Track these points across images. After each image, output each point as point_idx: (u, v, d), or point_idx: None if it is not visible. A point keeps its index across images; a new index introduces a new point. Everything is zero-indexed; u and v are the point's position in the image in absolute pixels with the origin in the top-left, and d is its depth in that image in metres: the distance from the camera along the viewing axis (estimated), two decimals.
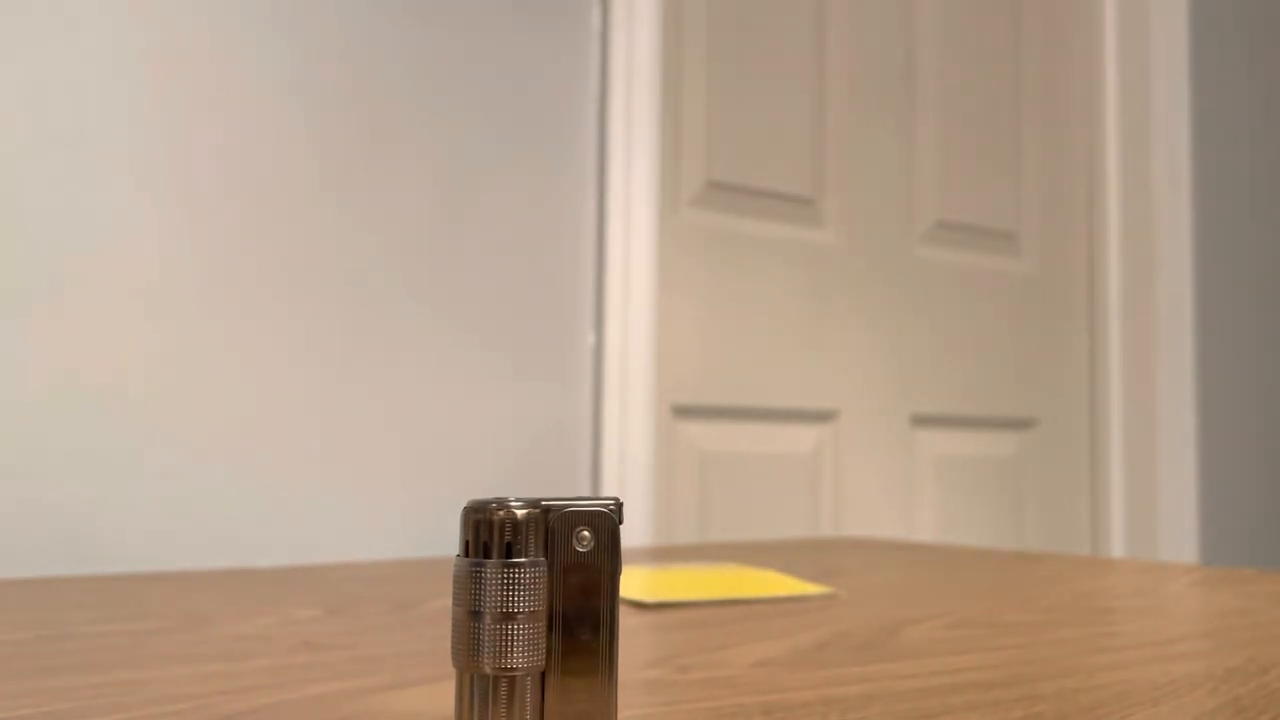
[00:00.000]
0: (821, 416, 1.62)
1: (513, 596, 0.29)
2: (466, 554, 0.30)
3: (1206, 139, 2.00)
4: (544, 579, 0.29)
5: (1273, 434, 2.10)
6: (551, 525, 0.29)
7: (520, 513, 0.29)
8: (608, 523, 0.30)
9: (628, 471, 1.38)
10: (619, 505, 0.30)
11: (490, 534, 0.29)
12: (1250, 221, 2.08)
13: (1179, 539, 1.89)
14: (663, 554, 1.04)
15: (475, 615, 0.29)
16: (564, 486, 1.34)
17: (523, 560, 0.29)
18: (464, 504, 0.29)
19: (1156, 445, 1.90)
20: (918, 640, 0.53)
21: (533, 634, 0.29)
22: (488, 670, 0.29)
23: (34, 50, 1.06)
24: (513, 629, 0.29)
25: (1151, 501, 1.90)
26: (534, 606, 0.29)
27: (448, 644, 0.52)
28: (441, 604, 0.65)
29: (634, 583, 0.73)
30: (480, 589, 0.29)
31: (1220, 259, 2.01)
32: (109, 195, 1.09)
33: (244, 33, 1.16)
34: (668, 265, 1.48)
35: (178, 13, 1.13)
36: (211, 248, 1.14)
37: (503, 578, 0.29)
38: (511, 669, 0.29)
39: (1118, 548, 1.93)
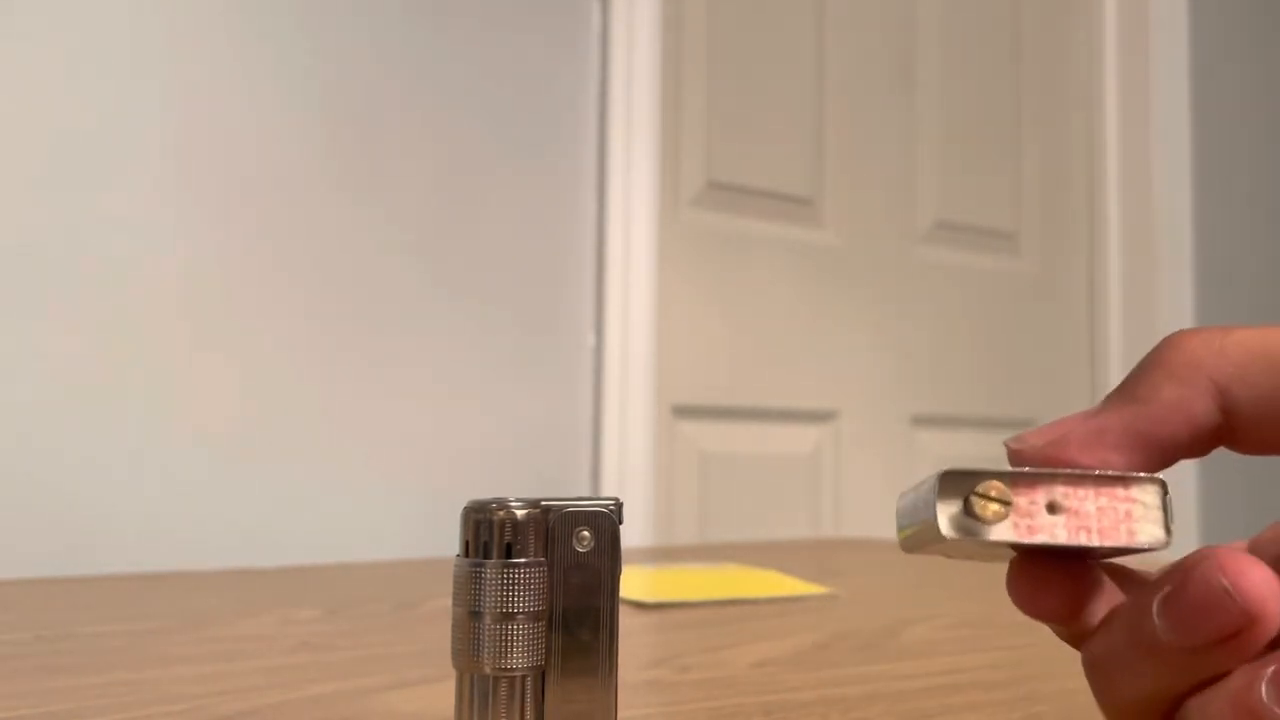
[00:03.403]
0: (821, 416, 1.62)
1: (513, 596, 0.29)
2: (466, 554, 0.30)
3: (1206, 139, 2.00)
4: (544, 579, 0.29)
5: None
6: (551, 525, 0.29)
7: (520, 513, 0.29)
8: (608, 523, 0.30)
9: (628, 471, 1.38)
10: (619, 505, 0.30)
11: (490, 534, 0.29)
12: (1251, 221, 2.08)
13: (1178, 539, 1.89)
14: (663, 554, 1.04)
15: (475, 615, 0.29)
16: (564, 486, 1.34)
17: (523, 560, 0.29)
18: (464, 504, 0.29)
19: None
20: (918, 640, 0.53)
21: (533, 634, 0.29)
22: (487, 670, 0.29)
23: (51, 54, 1.06)
24: (513, 629, 0.29)
25: None
26: (534, 606, 0.29)
27: (448, 644, 0.52)
28: (441, 604, 0.65)
29: (634, 583, 0.73)
30: (480, 589, 0.29)
31: (1220, 259, 2.01)
32: (112, 198, 1.09)
33: (254, 38, 1.16)
34: (668, 265, 1.48)
35: (190, 18, 1.13)
36: (211, 250, 1.14)
37: (503, 578, 0.29)
38: (511, 669, 0.29)
39: None
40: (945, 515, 0.24)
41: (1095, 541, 0.24)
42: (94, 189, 1.08)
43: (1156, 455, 0.24)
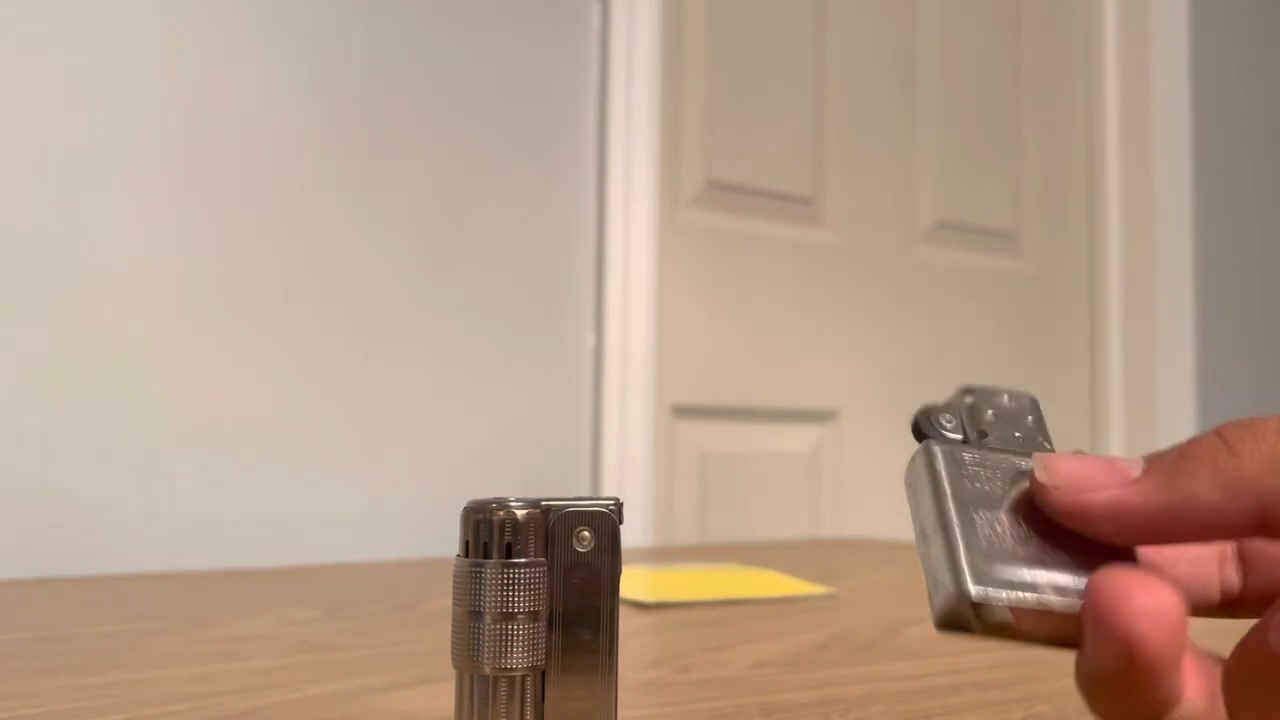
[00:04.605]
0: (821, 416, 1.62)
1: (512, 596, 0.29)
2: (466, 554, 0.30)
3: (1206, 139, 2.00)
4: (544, 579, 0.29)
5: None
6: (551, 525, 0.29)
7: (520, 513, 0.29)
8: (608, 523, 0.30)
9: (628, 471, 1.38)
10: (619, 505, 0.30)
11: (490, 534, 0.29)
12: (1251, 221, 2.08)
13: None
14: (663, 554, 1.04)
15: (475, 615, 0.29)
16: (564, 486, 1.34)
17: (523, 560, 0.29)
18: (464, 504, 0.29)
19: (1156, 446, 1.90)
20: (918, 640, 0.53)
21: (532, 634, 0.29)
22: (487, 670, 0.29)
23: (50, 54, 1.06)
24: (512, 629, 0.29)
25: None
26: (534, 606, 0.29)
27: (448, 644, 0.52)
28: (441, 604, 0.65)
29: (634, 583, 0.73)
30: (480, 589, 0.29)
31: (1220, 259, 2.01)
32: (110, 198, 1.09)
33: (253, 37, 1.16)
34: (668, 265, 1.48)
35: (189, 19, 1.13)
36: (211, 250, 1.14)
37: (503, 578, 0.29)
38: (511, 669, 0.29)
39: None
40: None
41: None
42: (92, 189, 1.08)
43: (1175, 542, 0.24)
